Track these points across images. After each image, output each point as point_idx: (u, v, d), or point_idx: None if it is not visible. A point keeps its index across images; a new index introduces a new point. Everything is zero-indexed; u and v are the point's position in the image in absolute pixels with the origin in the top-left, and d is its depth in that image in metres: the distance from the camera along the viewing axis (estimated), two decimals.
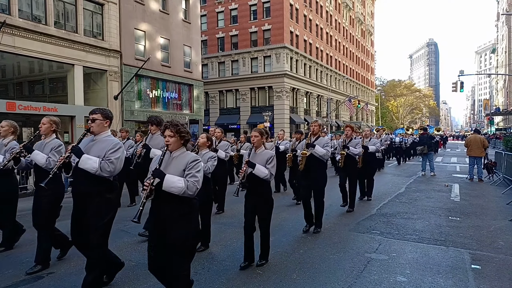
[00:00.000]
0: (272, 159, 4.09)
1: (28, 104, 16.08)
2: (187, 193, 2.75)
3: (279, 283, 3.75)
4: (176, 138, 2.90)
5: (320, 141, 5.56)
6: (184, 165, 2.87)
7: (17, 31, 15.21)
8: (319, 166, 5.57)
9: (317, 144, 5.48)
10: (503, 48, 69.12)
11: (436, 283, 3.73)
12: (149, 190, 2.72)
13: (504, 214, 6.97)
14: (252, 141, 4.21)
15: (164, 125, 2.94)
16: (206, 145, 4.92)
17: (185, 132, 2.94)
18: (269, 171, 4.04)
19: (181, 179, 2.77)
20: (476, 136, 12.30)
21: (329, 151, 5.56)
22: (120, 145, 3.36)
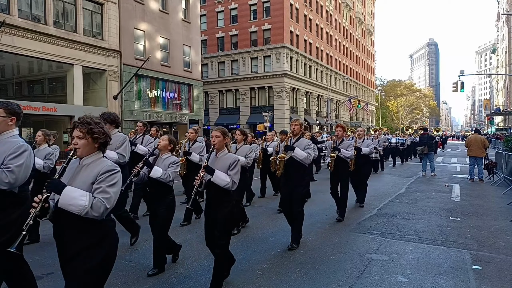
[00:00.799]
0: (235, 164, 3.43)
1: (28, 104, 16.03)
2: (91, 214, 2.05)
3: (279, 284, 3.73)
4: (86, 141, 2.22)
5: (301, 143, 4.88)
6: (94, 177, 2.17)
7: (16, 30, 15.19)
8: (300, 171, 4.90)
9: (297, 146, 4.81)
10: (504, 48, 69.11)
11: (437, 284, 3.71)
12: (39, 208, 2.05)
13: (504, 214, 6.95)
14: (212, 142, 3.55)
15: (73, 123, 2.29)
16: (168, 148, 4.20)
17: (99, 132, 2.25)
18: (231, 179, 3.38)
19: (85, 195, 2.08)
20: (477, 136, 12.27)
21: (311, 154, 4.90)
22: (24, 148, 2.72)
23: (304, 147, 4.85)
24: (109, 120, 4.69)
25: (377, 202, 8.20)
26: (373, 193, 9.44)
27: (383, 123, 66.18)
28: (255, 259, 4.45)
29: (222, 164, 3.45)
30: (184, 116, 24.70)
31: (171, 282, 3.78)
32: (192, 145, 6.47)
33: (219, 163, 3.49)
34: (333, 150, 6.28)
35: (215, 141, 3.50)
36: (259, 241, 5.18)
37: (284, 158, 4.82)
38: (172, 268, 4.16)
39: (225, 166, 3.43)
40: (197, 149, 6.36)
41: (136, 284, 3.74)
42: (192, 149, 6.36)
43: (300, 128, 4.97)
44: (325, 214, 6.94)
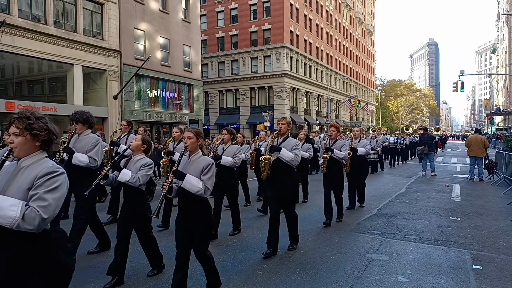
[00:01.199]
0: (209, 168, 3.12)
1: (28, 104, 16.03)
2: (23, 227, 1.71)
3: (280, 283, 3.72)
4: (24, 138, 1.87)
5: (288, 143, 4.57)
6: (31, 181, 1.82)
7: (16, 30, 15.18)
8: (287, 173, 4.56)
9: (284, 146, 4.51)
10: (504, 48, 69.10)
11: (437, 284, 3.71)
12: None
13: (505, 214, 6.95)
14: (184, 143, 3.28)
15: (9, 118, 1.94)
16: (141, 149, 3.81)
17: (40, 129, 1.89)
18: (204, 185, 3.06)
19: (16, 204, 1.73)
20: (477, 136, 12.26)
21: (299, 155, 4.56)
22: None
23: (292, 147, 4.50)
24: (81, 120, 4.38)
25: (377, 202, 8.20)
26: (373, 193, 9.45)
27: (383, 123, 66.14)
28: (255, 259, 4.45)
29: (195, 168, 3.15)
30: (184, 116, 24.69)
31: (171, 282, 3.77)
32: (177, 145, 6.17)
33: (191, 167, 3.19)
34: (325, 151, 5.93)
35: (187, 143, 3.22)
36: (259, 241, 5.17)
37: (269, 160, 4.48)
38: (172, 269, 4.15)
39: (197, 170, 3.13)
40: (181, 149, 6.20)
41: (136, 284, 3.73)
42: (177, 149, 6.04)
43: (287, 127, 4.66)
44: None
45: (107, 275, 3.64)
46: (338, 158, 5.94)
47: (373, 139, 13.75)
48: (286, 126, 4.65)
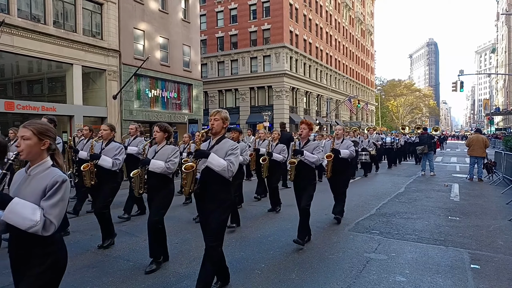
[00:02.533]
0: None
1: (27, 103, 16.05)
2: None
3: (278, 283, 3.73)
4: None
5: (221, 146, 3.52)
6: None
7: (16, 30, 15.17)
8: (221, 186, 3.80)
9: (215, 151, 3.96)
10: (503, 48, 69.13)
11: (435, 283, 3.71)
12: None
13: (503, 213, 6.96)
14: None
15: None
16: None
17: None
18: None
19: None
20: (479, 136, 12.25)
21: (235, 164, 3.37)
22: None
23: (226, 152, 3.29)
24: None
25: (376, 201, 8.21)
26: (372, 193, 9.46)
27: (383, 122, 66.20)
28: (253, 258, 4.45)
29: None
30: (183, 115, 24.69)
31: (169, 281, 3.79)
32: (134, 139, 6.53)
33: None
34: (294, 154, 4.90)
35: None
36: (258, 240, 5.18)
37: (192, 169, 3.27)
38: (170, 267, 4.17)
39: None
40: (134, 144, 6.37)
41: (134, 283, 3.74)
42: (132, 143, 6.45)
43: (222, 125, 3.41)
44: (324, 213, 6.93)
45: None
46: (310, 162, 4.88)
47: (365, 139, 13.49)
48: (221, 123, 3.34)
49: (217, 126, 3.34)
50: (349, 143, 6.30)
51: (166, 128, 4.32)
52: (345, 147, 6.17)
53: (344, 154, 6.04)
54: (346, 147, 6.17)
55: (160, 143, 4.32)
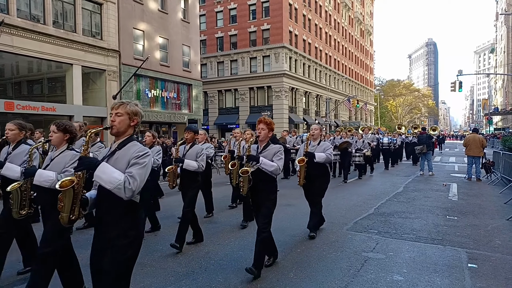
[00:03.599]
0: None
1: (27, 103, 16.06)
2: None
3: (276, 282, 3.75)
4: None
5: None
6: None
7: (15, 30, 15.19)
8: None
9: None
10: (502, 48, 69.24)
11: (432, 282, 3.74)
12: None
13: (501, 213, 6.99)
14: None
15: None
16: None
17: None
18: None
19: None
20: (475, 135, 12.30)
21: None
22: None
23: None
24: None
25: (374, 201, 8.24)
26: (370, 192, 9.50)
27: (382, 122, 66.27)
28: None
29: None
30: (183, 116, 24.72)
31: (168, 280, 3.81)
32: None
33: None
34: (248, 161, 3.95)
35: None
36: None
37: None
38: (169, 267, 4.19)
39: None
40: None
41: (133, 283, 3.74)
42: None
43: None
44: (322, 213, 6.95)
45: None
46: (268, 171, 3.91)
47: (359, 139, 12.82)
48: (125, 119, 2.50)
49: (119, 123, 2.46)
50: (327, 145, 5.49)
51: (67, 127, 3.22)
52: (322, 150, 5.37)
53: (319, 158, 5.19)
54: (323, 150, 5.36)
55: (58, 146, 3.24)
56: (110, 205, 2.33)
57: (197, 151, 4.92)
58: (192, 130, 5.07)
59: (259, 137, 4.05)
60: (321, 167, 5.41)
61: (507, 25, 63.71)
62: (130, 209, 2.36)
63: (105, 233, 2.37)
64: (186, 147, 5.05)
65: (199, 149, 4.97)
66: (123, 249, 2.34)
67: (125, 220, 2.35)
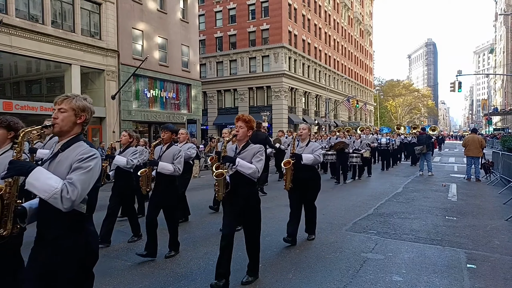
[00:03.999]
0: None
1: (25, 104, 16.03)
2: None
3: (275, 283, 3.74)
4: None
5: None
6: None
7: (14, 30, 15.16)
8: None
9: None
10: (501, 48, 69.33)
11: (431, 283, 3.73)
12: None
13: (500, 213, 6.99)
14: None
15: None
16: None
17: None
18: None
19: None
20: (474, 136, 12.31)
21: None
22: None
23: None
24: None
25: (374, 201, 8.23)
26: (370, 193, 9.49)
27: (382, 123, 66.31)
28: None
29: None
30: (182, 116, 24.69)
31: (167, 281, 3.80)
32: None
33: None
34: (223, 162, 3.59)
35: None
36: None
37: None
38: (168, 267, 4.18)
39: None
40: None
41: (132, 284, 3.75)
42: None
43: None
44: (322, 213, 6.94)
45: None
46: (246, 174, 3.54)
47: (356, 139, 12.58)
48: (69, 116, 2.08)
49: (62, 121, 2.03)
50: (316, 146, 5.04)
51: (12, 124, 2.66)
52: (310, 151, 4.96)
53: (307, 159, 4.77)
54: (311, 151, 4.95)
55: (1, 146, 2.66)
56: (51, 216, 1.90)
57: (174, 152, 4.58)
58: (169, 130, 4.69)
59: (237, 136, 3.65)
60: (310, 169, 4.99)
61: (506, 26, 63.78)
62: (75, 220, 1.93)
63: (45, 256, 1.92)
64: (162, 148, 4.68)
65: (176, 150, 4.61)
66: None
67: (68, 236, 1.92)
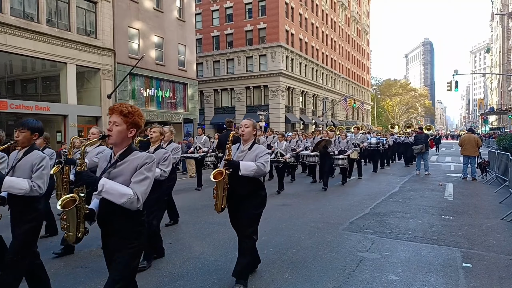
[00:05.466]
0: None
1: (20, 103, 15.92)
2: None
3: (271, 282, 3.73)
4: None
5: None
6: None
7: (8, 29, 15.05)
8: None
9: None
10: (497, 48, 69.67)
11: (427, 282, 3.73)
12: None
13: (496, 212, 7.01)
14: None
15: None
16: None
17: None
18: None
19: None
20: (471, 135, 12.35)
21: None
22: None
23: None
24: None
25: (370, 201, 8.23)
26: (366, 192, 9.50)
27: (379, 122, 66.48)
28: None
29: None
30: (179, 115, 24.63)
31: (163, 281, 3.77)
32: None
33: None
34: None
35: None
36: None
37: None
38: (164, 268, 4.15)
39: None
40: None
41: None
42: None
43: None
44: (318, 213, 6.95)
45: None
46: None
47: (342, 139, 11.16)
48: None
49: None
50: (261, 150, 3.58)
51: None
52: (253, 157, 3.53)
53: (246, 169, 3.40)
54: (255, 157, 3.53)
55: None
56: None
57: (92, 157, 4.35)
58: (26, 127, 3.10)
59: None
60: (251, 182, 3.55)
61: (502, 25, 64.09)
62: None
63: None
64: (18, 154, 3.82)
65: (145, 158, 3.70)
66: None
67: None
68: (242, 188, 3.52)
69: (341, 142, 11.09)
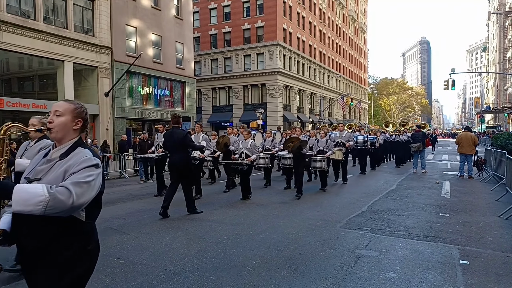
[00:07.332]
0: None
1: (17, 101, 15.82)
2: None
3: (269, 280, 3.73)
4: None
5: None
6: None
7: (5, 26, 14.94)
8: None
9: None
10: (494, 46, 69.91)
11: (425, 279, 3.74)
12: None
13: (493, 210, 7.04)
14: None
15: None
16: None
17: None
18: None
19: None
20: (467, 133, 12.41)
21: None
22: None
23: None
24: None
25: (367, 198, 8.25)
26: (364, 190, 9.52)
27: (376, 120, 66.63)
28: (245, 255, 4.45)
29: None
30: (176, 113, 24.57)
31: (160, 278, 3.77)
32: None
33: None
34: None
35: None
36: (250, 238, 5.17)
37: None
38: (161, 265, 4.14)
39: None
40: None
41: (124, 281, 3.71)
42: None
43: None
44: (316, 210, 6.96)
45: None
46: None
47: (321, 139, 9.59)
48: None
49: None
50: (84, 158, 1.79)
51: None
52: (60, 172, 1.75)
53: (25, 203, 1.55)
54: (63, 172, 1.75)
55: None
56: None
57: None
58: None
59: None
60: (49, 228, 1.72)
61: (499, 24, 64.29)
62: None
63: None
64: None
65: None
66: None
67: None
68: (29, 239, 1.73)
69: (320, 142, 9.55)
